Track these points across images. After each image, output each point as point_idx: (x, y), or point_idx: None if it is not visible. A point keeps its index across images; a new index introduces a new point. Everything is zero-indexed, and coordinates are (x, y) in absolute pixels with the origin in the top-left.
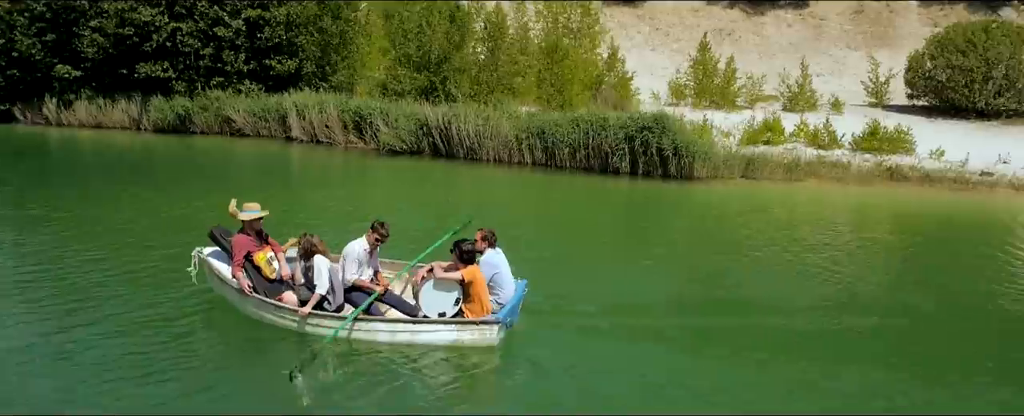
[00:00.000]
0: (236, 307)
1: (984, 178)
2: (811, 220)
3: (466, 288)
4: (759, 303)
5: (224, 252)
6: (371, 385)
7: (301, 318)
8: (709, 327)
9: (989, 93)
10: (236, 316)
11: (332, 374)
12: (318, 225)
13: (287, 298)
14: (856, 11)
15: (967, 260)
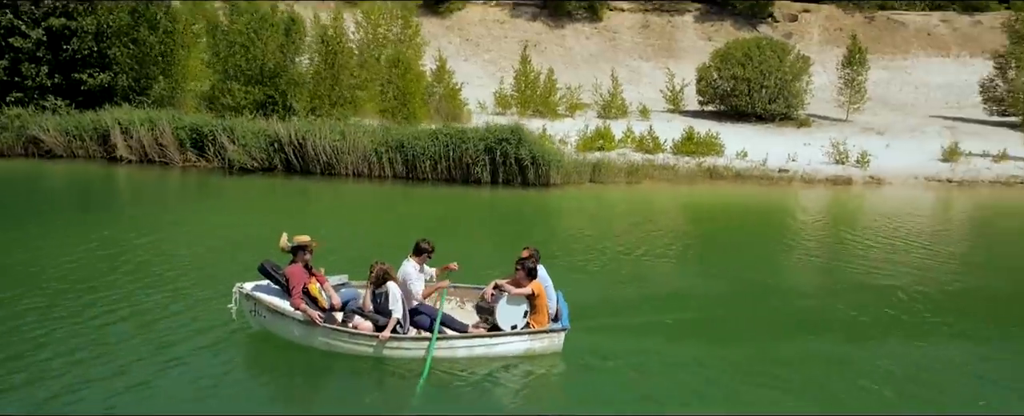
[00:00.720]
0: (291, 339)
1: (782, 174)
2: (682, 215)
3: (532, 301)
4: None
5: (278, 285)
6: (457, 393)
7: (380, 343)
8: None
9: (764, 100)
10: (275, 350)
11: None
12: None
13: (362, 325)
14: (643, 26)
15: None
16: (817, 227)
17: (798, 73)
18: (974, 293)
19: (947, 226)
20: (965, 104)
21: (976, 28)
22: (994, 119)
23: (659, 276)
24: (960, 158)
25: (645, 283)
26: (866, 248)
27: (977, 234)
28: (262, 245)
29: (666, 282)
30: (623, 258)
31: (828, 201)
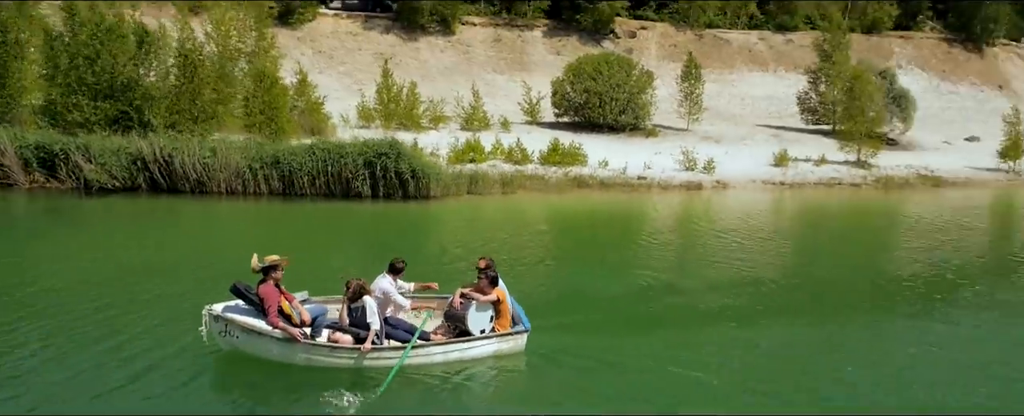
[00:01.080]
0: (269, 357)
1: (641, 181)
2: (565, 222)
3: (497, 307)
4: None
5: (251, 305)
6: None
7: (362, 354)
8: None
9: (615, 111)
10: (246, 368)
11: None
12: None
13: (342, 339)
14: (496, 40)
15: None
16: (685, 228)
17: (643, 87)
18: (824, 281)
19: (789, 223)
20: (784, 114)
21: (788, 46)
22: (810, 127)
23: (564, 279)
24: (789, 163)
25: (556, 286)
26: (730, 244)
27: (814, 229)
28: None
29: (573, 284)
30: (526, 264)
31: (686, 204)
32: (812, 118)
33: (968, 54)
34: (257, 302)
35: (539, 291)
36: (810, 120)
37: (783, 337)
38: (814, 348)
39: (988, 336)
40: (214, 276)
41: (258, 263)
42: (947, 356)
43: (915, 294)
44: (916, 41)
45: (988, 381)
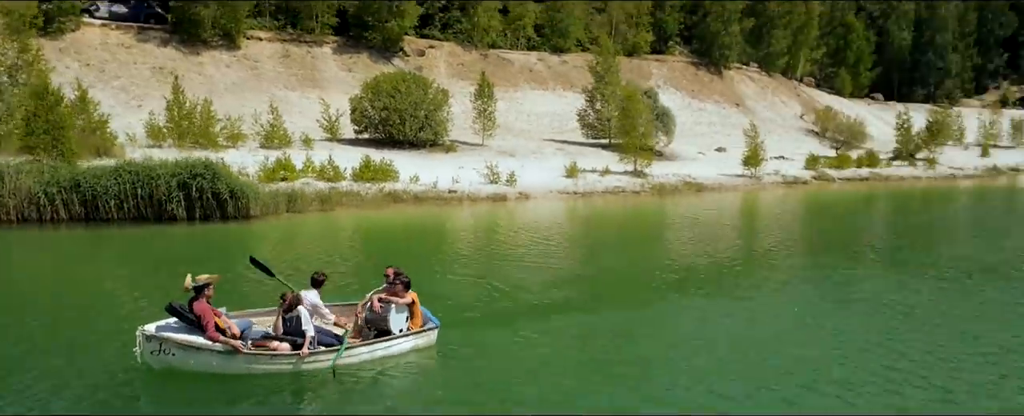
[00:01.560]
0: (208, 370)
1: (452, 195)
2: (396, 236)
3: (412, 308)
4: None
5: (187, 323)
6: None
7: (301, 359)
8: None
9: (415, 128)
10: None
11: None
12: None
13: (280, 347)
14: (284, 55)
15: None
16: (498, 236)
17: (439, 104)
18: (630, 273)
19: (587, 227)
20: (565, 129)
21: (564, 66)
22: (590, 141)
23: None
24: (579, 174)
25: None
26: (541, 248)
27: (608, 232)
28: None
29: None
30: (363, 276)
31: (495, 214)
32: (591, 133)
33: (711, 76)
34: (193, 319)
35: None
36: (590, 135)
37: (606, 323)
38: (643, 327)
39: (760, 312)
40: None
41: (191, 282)
42: (729, 329)
43: (699, 280)
44: (669, 64)
45: (765, 349)
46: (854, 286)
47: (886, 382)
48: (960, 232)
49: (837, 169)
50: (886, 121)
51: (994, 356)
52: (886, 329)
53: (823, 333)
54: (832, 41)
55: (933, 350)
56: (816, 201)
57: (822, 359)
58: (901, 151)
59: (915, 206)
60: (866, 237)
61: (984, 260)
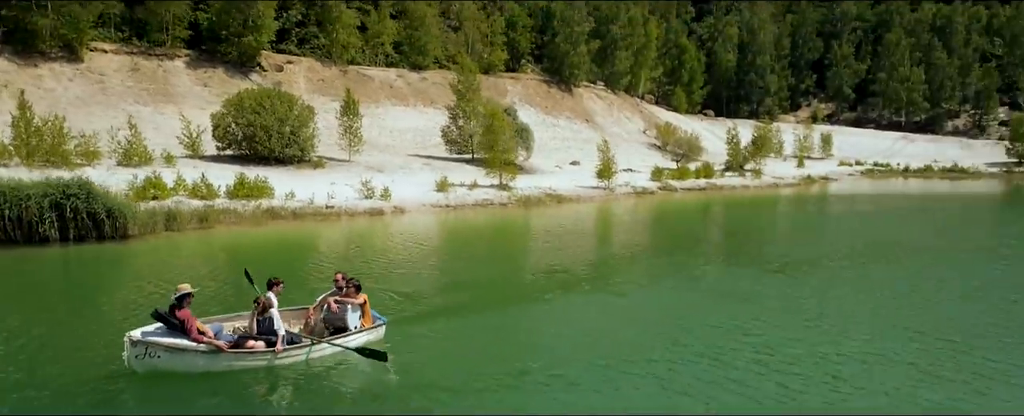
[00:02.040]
0: (193, 369)
1: (330, 210)
2: (286, 251)
3: (363, 307)
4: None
5: (172, 328)
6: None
7: (275, 355)
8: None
9: (281, 144)
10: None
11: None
12: None
13: (257, 345)
14: (133, 69)
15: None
16: (394, 248)
17: (305, 120)
18: (516, 276)
19: (464, 237)
20: (428, 144)
21: (424, 83)
22: (455, 156)
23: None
24: (449, 188)
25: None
26: (435, 258)
27: (485, 241)
28: None
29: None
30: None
31: (380, 228)
32: (455, 148)
33: (562, 93)
34: (177, 323)
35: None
36: (453, 150)
37: (499, 319)
38: (535, 321)
39: (631, 303)
40: None
41: (189, 288)
42: (611, 318)
43: (573, 278)
44: (523, 81)
45: (636, 332)
46: (702, 279)
47: (744, 350)
48: (782, 233)
49: (679, 180)
50: (718, 135)
51: (811, 321)
52: (730, 313)
53: (680, 316)
54: (668, 61)
55: (761, 325)
56: (663, 209)
57: (681, 336)
58: (732, 163)
59: (746, 212)
60: (709, 239)
61: (802, 255)
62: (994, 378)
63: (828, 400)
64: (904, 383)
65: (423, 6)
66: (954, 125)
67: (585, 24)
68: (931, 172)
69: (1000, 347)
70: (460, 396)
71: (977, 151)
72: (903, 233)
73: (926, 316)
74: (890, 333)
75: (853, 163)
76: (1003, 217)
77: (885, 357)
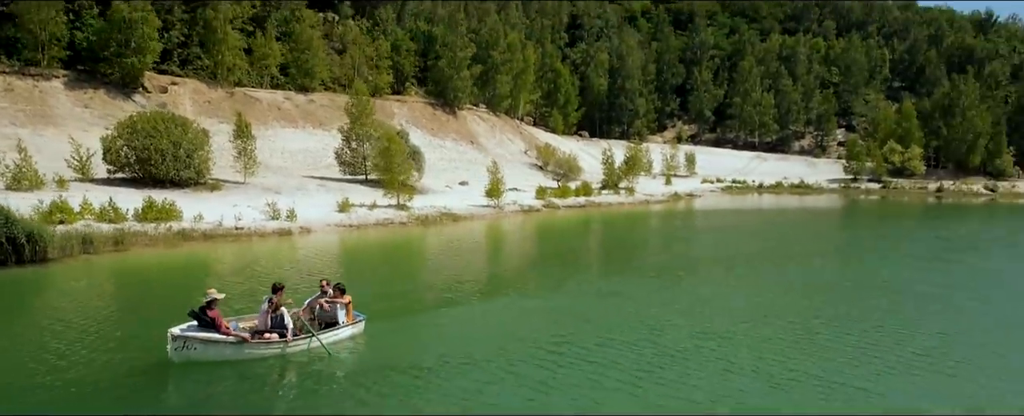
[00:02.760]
0: (222, 357)
1: (240, 231)
2: (219, 271)
3: (348, 306)
4: None
5: (203, 324)
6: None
7: (287, 344)
8: None
9: (178, 167)
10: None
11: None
12: None
13: (272, 337)
14: (7, 89)
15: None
16: (314, 265)
17: (201, 143)
18: (445, 286)
19: (375, 254)
20: (320, 166)
21: (312, 105)
22: (348, 177)
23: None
24: (351, 208)
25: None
26: (358, 273)
27: (402, 257)
28: None
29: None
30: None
31: (293, 247)
32: (348, 170)
33: (447, 115)
34: (209, 320)
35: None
36: (347, 171)
37: (425, 322)
38: (462, 323)
39: (532, 304)
40: None
41: (217, 294)
42: (530, 315)
43: (481, 287)
44: (409, 104)
45: (542, 327)
46: (591, 283)
47: (628, 337)
48: (657, 244)
49: (561, 198)
50: (593, 155)
51: (683, 313)
52: (616, 308)
53: (574, 313)
54: (545, 85)
55: (643, 317)
56: (549, 225)
57: (568, 326)
58: (608, 182)
59: (623, 226)
60: (593, 250)
61: (675, 263)
62: (835, 353)
63: (687, 370)
64: (762, 357)
65: (308, 29)
66: (800, 145)
67: (468, 49)
68: (781, 188)
69: (841, 330)
70: (414, 373)
71: (820, 169)
72: (758, 242)
73: (778, 307)
74: (751, 320)
75: (714, 180)
76: (842, 224)
77: (747, 338)
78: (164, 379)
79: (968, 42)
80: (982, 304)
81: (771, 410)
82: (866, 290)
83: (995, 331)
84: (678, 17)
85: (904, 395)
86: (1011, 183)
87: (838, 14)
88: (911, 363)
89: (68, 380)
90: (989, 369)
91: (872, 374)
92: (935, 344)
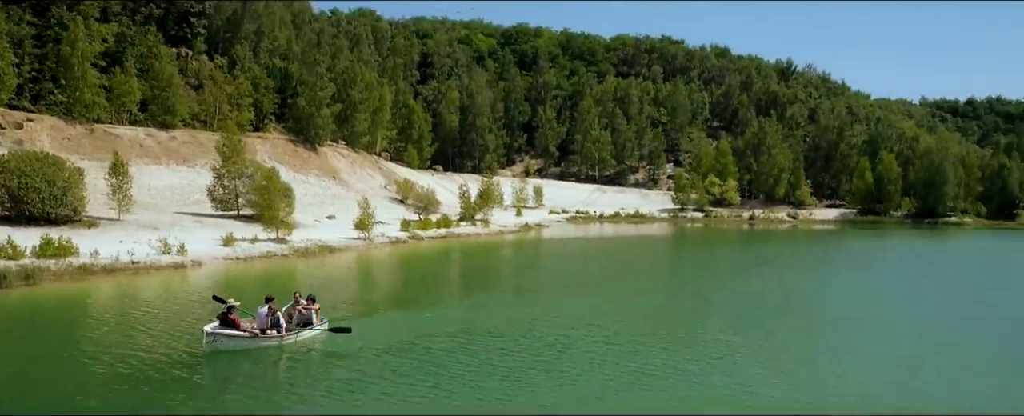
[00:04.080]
0: (241, 348)
1: (136, 265)
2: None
3: (317, 311)
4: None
5: (227, 324)
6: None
7: (281, 338)
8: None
9: (52, 205)
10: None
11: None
12: None
13: (272, 333)
14: None
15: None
16: (233, 292)
17: (76, 182)
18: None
19: (263, 284)
20: (188, 202)
21: (174, 142)
22: (221, 213)
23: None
24: (235, 243)
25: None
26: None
27: (288, 283)
28: None
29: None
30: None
31: (193, 278)
32: (221, 206)
33: (309, 152)
34: (230, 322)
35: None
36: (220, 208)
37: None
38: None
39: (417, 317)
40: None
41: (234, 302)
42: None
43: (368, 306)
44: (271, 140)
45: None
46: (459, 300)
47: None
48: (513, 269)
49: (424, 230)
50: (448, 189)
51: (535, 323)
52: (478, 321)
53: (444, 323)
54: (399, 121)
55: (504, 328)
56: (416, 254)
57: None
58: (465, 214)
59: (482, 254)
60: (458, 275)
61: (528, 283)
62: (657, 357)
63: (544, 364)
64: (597, 360)
65: (168, 66)
66: (635, 178)
67: (328, 89)
68: (619, 218)
69: (668, 342)
70: (353, 356)
71: (652, 200)
72: (601, 265)
73: (621, 320)
74: (593, 332)
75: (560, 211)
76: (670, 248)
77: (587, 345)
78: (201, 364)
79: (772, 88)
80: (758, 309)
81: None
82: (679, 297)
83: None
84: (523, 58)
85: (684, 378)
86: (809, 211)
87: (665, 60)
88: (708, 350)
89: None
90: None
91: (676, 361)
92: (725, 336)
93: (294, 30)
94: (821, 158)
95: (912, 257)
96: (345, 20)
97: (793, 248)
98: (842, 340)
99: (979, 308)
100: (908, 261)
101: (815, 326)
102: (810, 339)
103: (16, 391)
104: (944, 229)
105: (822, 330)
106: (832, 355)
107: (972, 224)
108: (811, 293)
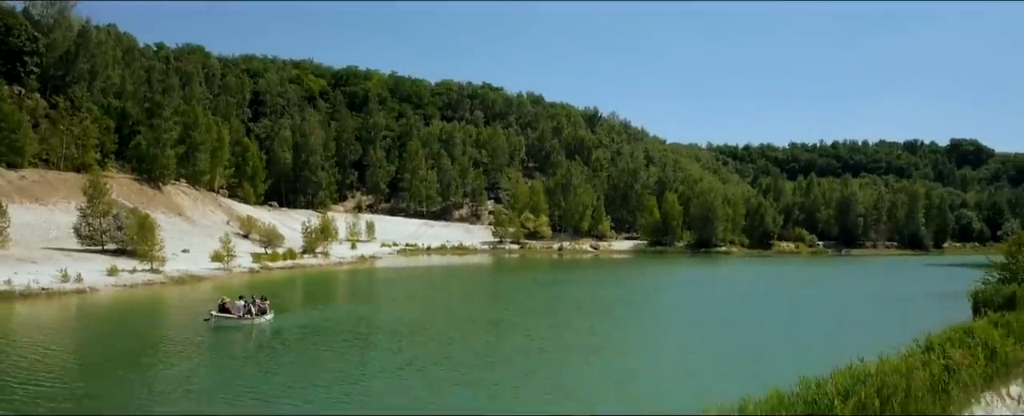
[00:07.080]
0: (231, 325)
1: (45, 291)
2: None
3: (268, 305)
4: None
5: (224, 311)
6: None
7: (253, 320)
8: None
9: None
10: (226, 332)
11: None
12: None
13: (248, 317)
14: None
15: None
16: (139, 312)
17: None
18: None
19: (170, 308)
20: (49, 238)
21: (24, 181)
22: (90, 248)
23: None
24: (118, 273)
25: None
26: (192, 315)
27: (190, 306)
28: None
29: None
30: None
31: (98, 302)
32: (88, 242)
33: (153, 190)
34: (227, 310)
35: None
36: (86, 244)
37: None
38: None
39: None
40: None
41: (228, 300)
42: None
43: None
44: (118, 179)
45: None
46: (319, 306)
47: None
48: (353, 295)
49: (273, 262)
50: (287, 224)
51: (373, 344)
52: (325, 343)
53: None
54: (234, 158)
55: (354, 350)
56: (271, 283)
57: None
58: (307, 247)
59: (326, 282)
60: (310, 301)
61: (371, 315)
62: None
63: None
64: (448, 377)
65: (17, 109)
66: (459, 214)
67: (173, 131)
68: (445, 250)
69: (510, 363)
70: (280, 339)
71: (475, 233)
72: (431, 291)
73: (454, 342)
74: (428, 352)
75: (392, 244)
76: (489, 274)
77: (425, 363)
78: (210, 333)
79: (580, 134)
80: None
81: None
82: (488, 309)
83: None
84: (354, 100)
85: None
86: (609, 243)
87: (486, 105)
88: (505, 357)
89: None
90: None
91: (472, 366)
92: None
93: (125, 67)
94: (619, 196)
95: (656, 279)
96: (172, 56)
97: (581, 272)
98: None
99: (713, 317)
100: (652, 282)
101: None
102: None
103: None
104: (714, 256)
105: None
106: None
107: (737, 252)
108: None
